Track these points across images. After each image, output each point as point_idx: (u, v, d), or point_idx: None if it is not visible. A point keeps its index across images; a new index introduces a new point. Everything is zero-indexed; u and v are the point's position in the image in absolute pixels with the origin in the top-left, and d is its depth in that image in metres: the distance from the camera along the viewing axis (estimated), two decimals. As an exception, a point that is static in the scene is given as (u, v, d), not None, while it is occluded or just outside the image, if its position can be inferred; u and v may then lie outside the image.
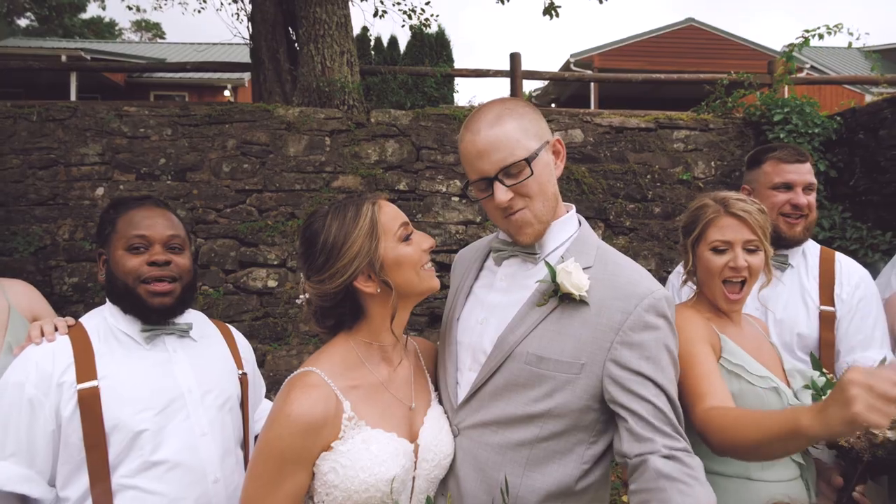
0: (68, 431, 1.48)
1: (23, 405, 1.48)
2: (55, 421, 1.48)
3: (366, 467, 1.26)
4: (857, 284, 2.08)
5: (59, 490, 1.50)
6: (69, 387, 1.50)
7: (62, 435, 1.48)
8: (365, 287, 1.37)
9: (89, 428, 1.47)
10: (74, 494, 1.48)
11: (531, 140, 1.38)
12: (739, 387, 1.58)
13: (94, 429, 1.48)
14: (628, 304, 1.34)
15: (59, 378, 1.50)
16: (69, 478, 1.49)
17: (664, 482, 1.17)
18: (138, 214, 1.67)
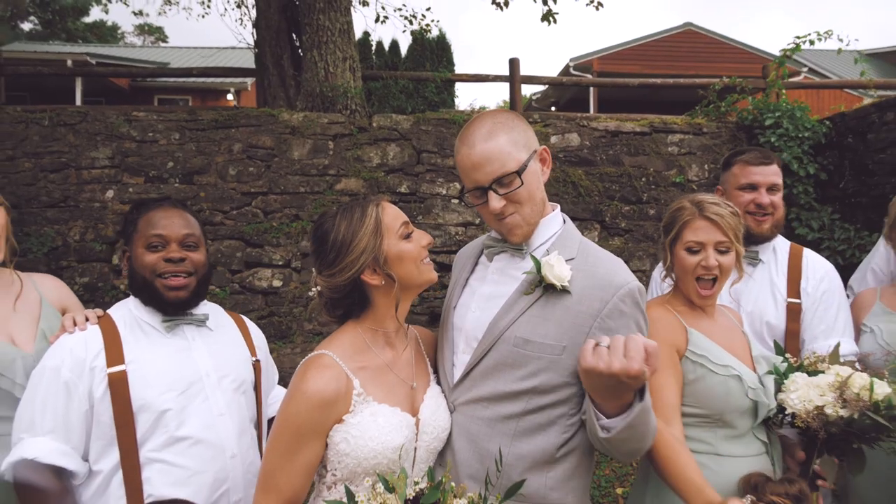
0: (100, 410, 1.63)
1: (59, 387, 1.63)
2: (88, 401, 1.64)
3: (374, 437, 1.41)
4: (821, 278, 2.23)
5: (93, 464, 1.64)
6: (100, 371, 1.65)
7: (94, 414, 1.63)
8: (371, 280, 1.51)
9: (119, 407, 1.63)
10: (106, 467, 1.63)
11: (521, 152, 1.53)
12: (702, 373, 1.73)
13: (122, 408, 1.63)
14: (606, 293, 1.49)
15: (91, 363, 1.66)
16: (101, 453, 1.64)
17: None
18: (157, 215, 1.82)
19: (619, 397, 1.28)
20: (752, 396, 1.70)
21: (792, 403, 1.67)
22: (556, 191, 5.61)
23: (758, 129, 5.62)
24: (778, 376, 1.75)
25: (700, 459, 1.70)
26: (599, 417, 1.32)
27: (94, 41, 36.87)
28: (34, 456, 1.57)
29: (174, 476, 1.63)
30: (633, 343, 1.22)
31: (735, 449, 1.72)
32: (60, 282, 2.14)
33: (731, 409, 1.72)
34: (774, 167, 2.33)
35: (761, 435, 1.76)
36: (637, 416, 1.28)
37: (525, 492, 1.45)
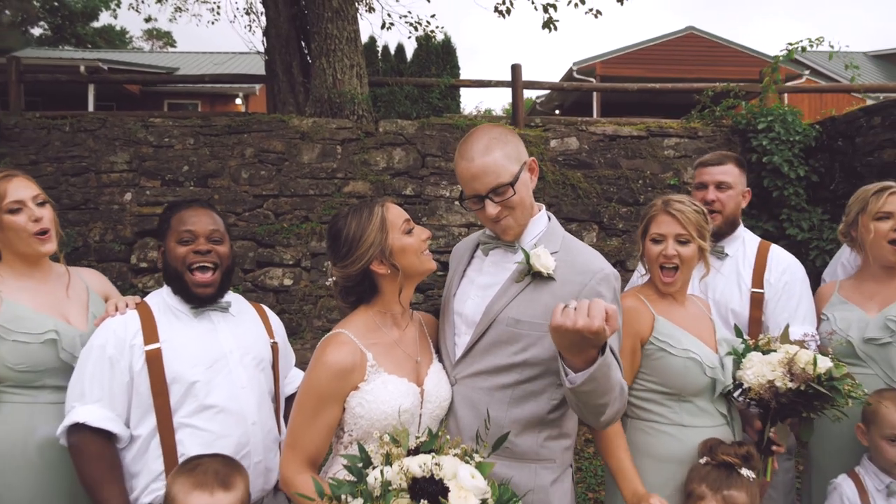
0: (139, 382, 1.87)
1: (104, 362, 1.87)
2: (129, 374, 1.87)
3: (384, 401, 1.65)
4: (783, 270, 2.44)
5: (133, 429, 1.88)
6: (138, 348, 1.89)
7: (134, 385, 1.87)
8: (378, 269, 1.75)
9: (154, 379, 1.86)
10: (145, 432, 1.87)
11: (513, 164, 1.75)
12: (663, 355, 1.97)
13: (158, 380, 1.86)
14: (585, 277, 1.73)
15: (130, 341, 1.90)
16: (140, 419, 1.87)
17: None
18: (187, 214, 2.06)
19: (583, 352, 1.46)
20: (709, 374, 1.93)
21: (747, 379, 1.89)
22: (556, 193, 5.82)
23: (751, 133, 5.81)
24: (736, 356, 1.97)
25: (666, 430, 1.94)
26: (567, 372, 1.51)
27: (103, 46, 37.28)
28: (85, 420, 1.80)
29: (203, 439, 1.86)
30: (595, 305, 1.41)
31: (697, 421, 1.95)
32: (100, 273, 2.38)
33: (690, 385, 1.95)
34: (726, 167, 2.56)
35: (722, 408, 1.98)
36: (598, 370, 1.46)
37: (519, 449, 1.70)
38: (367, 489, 1.25)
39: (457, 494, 1.22)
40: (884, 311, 2.23)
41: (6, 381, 1.94)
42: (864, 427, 2.11)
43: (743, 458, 1.80)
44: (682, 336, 1.97)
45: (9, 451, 1.90)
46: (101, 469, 1.79)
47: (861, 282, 2.41)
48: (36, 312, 2.00)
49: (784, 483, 2.38)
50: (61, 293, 2.11)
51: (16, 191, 2.02)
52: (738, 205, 2.57)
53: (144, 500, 1.83)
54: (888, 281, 2.32)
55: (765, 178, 5.56)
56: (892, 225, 2.23)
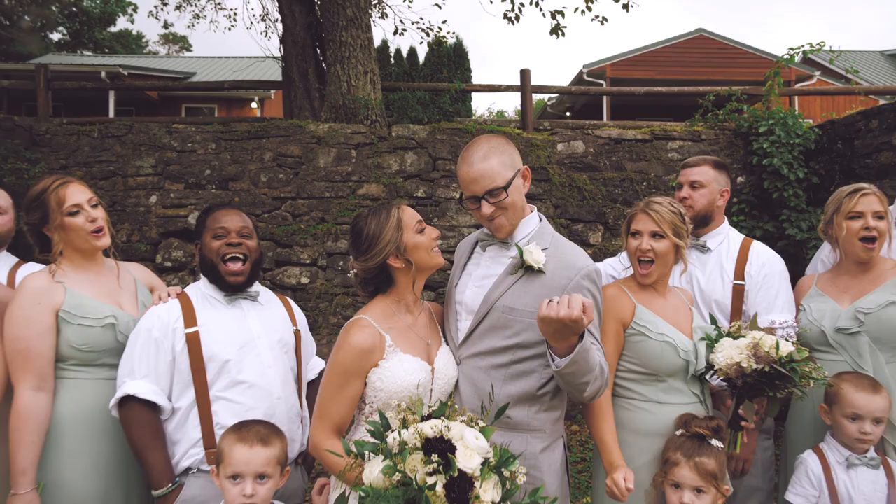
0: (180, 361, 2.13)
1: (150, 344, 2.13)
2: (171, 353, 2.14)
3: (401, 376, 1.90)
4: (763, 264, 2.64)
5: (174, 402, 2.14)
6: (179, 331, 2.16)
7: (176, 363, 2.13)
8: (394, 263, 2.00)
9: (193, 358, 2.13)
10: (184, 404, 2.13)
11: (508, 171, 2.00)
12: (642, 339, 2.20)
13: (196, 358, 2.13)
14: (570, 272, 1.97)
15: (172, 325, 2.17)
16: (181, 393, 2.13)
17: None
18: (220, 214, 2.34)
19: (566, 339, 1.73)
20: (683, 357, 2.15)
21: (718, 361, 2.10)
22: (563, 194, 6.03)
23: (753, 136, 5.98)
24: (709, 342, 2.18)
25: (644, 406, 2.18)
26: (553, 358, 1.78)
27: (120, 50, 37.88)
28: (134, 392, 2.06)
29: (235, 410, 2.11)
30: (574, 299, 1.67)
31: (672, 399, 2.18)
32: (145, 267, 2.65)
33: (665, 366, 2.18)
34: (701, 168, 2.78)
35: (695, 389, 2.21)
36: (578, 353, 1.72)
37: (513, 421, 1.95)
38: (387, 447, 1.48)
39: (463, 452, 1.44)
40: (854, 303, 2.42)
41: (70, 361, 2.19)
42: (826, 407, 2.31)
43: (713, 430, 2.03)
44: (659, 322, 2.18)
45: (72, 421, 2.15)
46: (147, 436, 2.05)
47: (837, 276, 2.59)
48: (96, 300, 2.26)
49: (763, 461, 2.59)
50: (114, 284, 2.37)
51: (73, 195, 2.27)
52: (710, 202, 2.77)
53: (184, 463, 2.09)
54: (861, 276, 2.51)
55: (765, 179, 5.74)
56: (863, 224, 2.41)
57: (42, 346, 2.13)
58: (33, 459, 2.05)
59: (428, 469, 1.40)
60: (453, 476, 1.40)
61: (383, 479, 1.42)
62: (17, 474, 2.03)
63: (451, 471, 1.41)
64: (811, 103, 17.70)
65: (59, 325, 2.17)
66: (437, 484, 1.38)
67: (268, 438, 1.92)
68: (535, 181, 6.05)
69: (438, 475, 1.40)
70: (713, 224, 2.79)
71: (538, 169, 6.07)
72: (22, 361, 2.11)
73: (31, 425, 2.06)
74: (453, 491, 1.39)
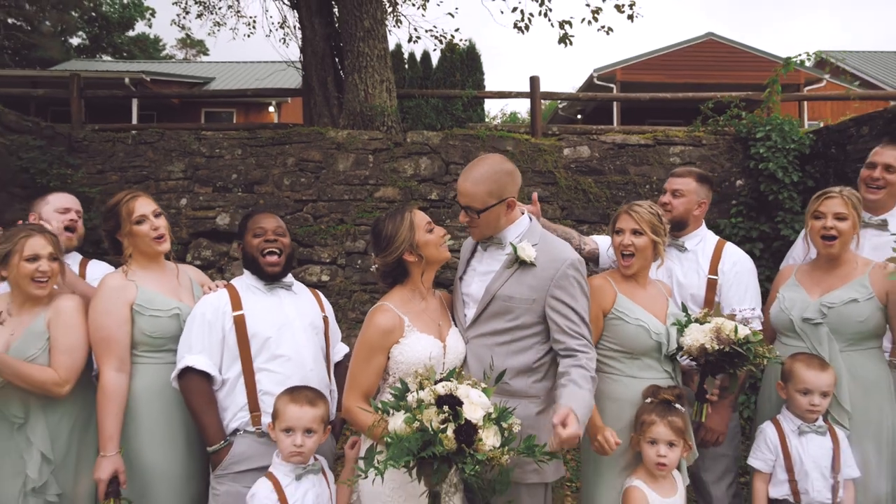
0: (228, 338, 2.52)
1: (204, 325, 2.52)
2: (221, 333, 2.52)
3: (418, 350, 2.27)
4: (734, 262, 2.98)
5: (224, 374, 2.52)
6: (228, 314, 2.55)
7: (225, 341, 2.52)
8: (409, 258, 2.37)
9: (240, 336, 2.52)
10: (232, 375, 2.51)
11: (491, 199, 2.36)
12: (620, 322, 2.54)
13: (242, 336, 2.52)
14: (557, 263, 2.33)
15: (222, 309, 2.56)
16: (229, 366, 2.52)
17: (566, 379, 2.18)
18: (259, 216, 2.76)
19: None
20: (655, 339, 2.49)
21: (686, 342, 2.44)
22: (569, 197, 6.35)
23: (751, 142, 6.26)
24: (680, 326, 2.52)
25: (621, 379, 2.55)
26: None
27: (138, 54, 38.59)
28: (192, 364, 2.46)
29: (275, 379, 2.49)
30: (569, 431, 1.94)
31: (644, 374, 2.54)
32: (196, 268, 3.04)
33: (639, 346, 2.52)
34: (684, 179, 3.10)
35: (667, 367, 2.56)
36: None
37: (514, 389, 2.32)
38: (407, 404, 1.83)
39: (468, 406, 1.79)
40: (821, 297, 2.72)
41: (142, 347, 2.59)
42: (783, 384, 2.64)
43: (677, 396, 2.38)
44: (636, 309, 2.53)
45: (146, 399, 2.56)
46: (202, 402, 2.45)
47: (813, 269, 2.88)
48: (162, 295, 2.66)
49: (729, 431, 2.91)
50: (174, 282, 2.78)
51: (140, 207, 2.68)
52: (687, 210, 3.08)
53: (233, 425, 2.48)
54: (832, 271, 2.79)
55: (762, 183, 6.02)
56: (824, 223, 2.71)
57: (120, 334, 2.53)
58: (117, 428, 2.46)
59: (440, 418, 1.76)
60: (461, 424, 1.75)
61: (405, 428, 1.78)
62: (105, 440, 2.44)
63: (459, 420, 1.76)
64: (821, 106, 17.86)
65: (133, 317, 2.57)
66: (448, 429, 1.74)
67: (314, 401, 2.31)
68: (542, 184, 6.38)
69: (449, 423, 1.76)
70: (689, 228, 3.11)
71: (545, 172, 6.41)
72: (105, 347, 2.51)
73: (115, 400, 2.47)
74: (461, 435, 1.74)
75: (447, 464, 1.79)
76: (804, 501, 2.50)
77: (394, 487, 2.17)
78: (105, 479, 2.39)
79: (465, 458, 1.77)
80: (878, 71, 21.03)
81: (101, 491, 2.39)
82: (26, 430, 2.44)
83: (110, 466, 2.41)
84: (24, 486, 2.39)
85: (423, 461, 1.79)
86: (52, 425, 2.48)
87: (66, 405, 2.52)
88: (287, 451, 2.25)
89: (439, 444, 1.73)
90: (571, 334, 2.26)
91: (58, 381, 2.43)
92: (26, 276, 2.45)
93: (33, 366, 2.43)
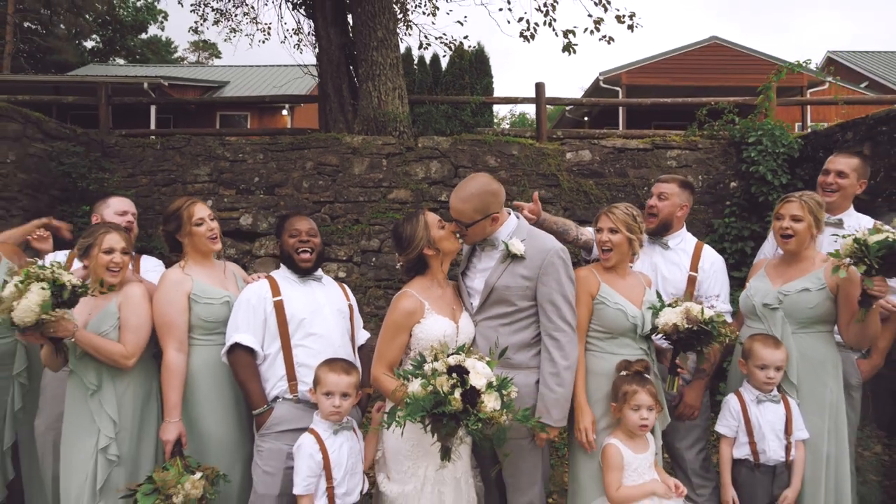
0: (269, 320, 2.93)
1: (249, 308, 2.94)
2: (263, 315, 2.94)
3: (435, 329, 2.69)
4: (712, 262, 3.40)
5: (265, 350, 2.93)
6: (269, 299, 2.97)
7: (266, 322, 2.93)
8: (428, 252, 2.81)
9: (279, 317, 2.94)
10: (272, 351, 2.92)
11: (477, 215, 2.78)
12: (603, 307, 2.91)
13: (281, 318, 2.93)
14: (543, 253, 2.75)
15: (264, 295, 2.98)
16: (270, 343, 2.93)
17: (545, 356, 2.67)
18: (294, 219, 3.18)
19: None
20: (631, 321, 2.88)
21: (660, 322, 2.81)
22: (571, 199, 6.73)
23: (743, 146, 6.62)
24: (654, 310, 2.89)
25: (602, 356, 2.93)
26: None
27: (151, 56, 39.23)
28: (240, 340, 2.88)
29: (309, 353, 2.91)
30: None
31: (622, 351, 2.92)
32: (235, 264, 3.45)
33: (617, 327, 2.90)
34: (669, 185, 3.47)
35: (642, 345, 2.95)
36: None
37: (516, 362, 2.74)
38: (424, 372, 2.24)
39: (474, 375, 2.19)
40: (780, 287, 3.09)
41: (198, 330, 3.01)
42: (743, 360, 3.02)
43: (645, 368, 2.77)
44: (616, 295, 2.91)
45: (202, 375, 2.98)
46: (248, 373, 2.87)
47: (779, 263, 3.25)
48: (213, 286, 3.07)
49: (702, 406, 3.32)
50: (222, 276, 3.20)
51: (199, 211, 3.10)
52: (671, 213, 3.46)
53: (273, 393, 2.91)
54: (794, 265, 3.16)
55: (752, 185, 6.37)
56: (782, 224, 3.10)
57: (180, 320, 2.95)
58: (179, 399, 2.90)
59: (450, 384, 2.16)
60: (466, 389, 2.15)
61: (420, 391, 2.18)
62: (170, 408, 2.88)
63: (465, 386, 2.15)
64: (826, 108, 18.09)
65: (190, 305, 2.99)
66: (455, 392, 2.14)
67: (349, 370, 2.74)
68: (546, 186, 6.77)
69: (457, 388, 2.16)
70: (673, 229, 3.49)
71: (549, 175, 6.79)
72: (167, 330, 2.94)
73: (176, 375, 2.90)
74: (466, 398, 2.15)
75: (455, 420, 2.20)
76: (762, 460, 2.90)
77: (413, 444, 2.62)
78: (171, 440, 2.83)
79: (470, 417, 2.18)
80: (887, 72, 21.20)
81: (168, 451, 2.82)
82: (99, 395, 2.87)
83: (175, 430, 2.85)
84: (97, 444, 2.82)
85: (435, 417, 2.20)
86: (119, 394, 2.90)
87: (131, 378, 2.94)
88: (327, 411, 2.67)
89: (448, 404, 2.13)
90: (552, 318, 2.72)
91: (125, 354, 2.86)
92: (102, 266, 2.87)
93: (106, 339, 2.86)
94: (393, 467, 2.70)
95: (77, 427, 2.87)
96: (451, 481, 2.68)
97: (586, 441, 2.80)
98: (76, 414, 2.88)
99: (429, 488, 2.64)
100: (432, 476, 2.65)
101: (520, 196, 6.67)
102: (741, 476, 2.95)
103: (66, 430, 2.90)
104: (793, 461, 2.89)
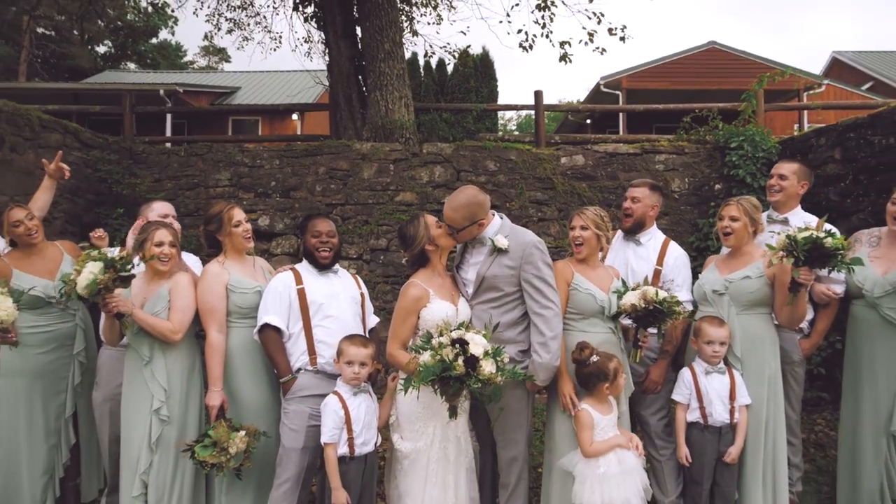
0: (293, 305, 3.42)
1: (276, 295, 3.44)
2: (288, 300, 3.43)
3: (438, 312, 3.19)
4: (676, 257, 3.87)
5: (290, 329, 3.42)
6: (293, 287, 3.46)
7: (291, 306, 3.42)
8: (429, 248, 3.33)
9: (301, 302, 3.43)
10: (296, 330, 3.41)
11: (465, 222, 3.28)
12: (576, 292, 3.39)
13: (303, 303, 3.43)
14: (522, 246, 3.25)
15: (289, 284, 3.47)
16: (294, 323, 3.42)
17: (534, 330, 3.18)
18: (316, 220, 3.65)
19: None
20: (599, 304, 3.36)
21: (623, 304, 3.30)
22: (565, 200, 7.23)
23: (726, 150, 7.09)
24: (619, 294, 3.38)
25: (575, 334, 3.38)
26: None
27: (161, 61, 39.89)
28: (269, 321, 3.38)
29: (327, 332, 3.40)
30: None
31: (593, 329, 3.39)
32: (264, 260, 3.96)
33: (588, 309, 3.38)
34: (641, 188, 3.96)
35: (609, 325, 3.43)
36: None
37: (506, 337, 3.24)
38: (432, 346, 2.77)
39: (473, 345, 2.72)
40: (726, 276, 3.59)
41: (235, 315, 3.53)
42: (694, 338, 3.51)
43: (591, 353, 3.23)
44: (586, 283, 3.40)
45: (239, 351, 3.50)
46: (276, 347, 3.39)
47: (727, 258, 3.73)
48: (246, 278, 3.59)
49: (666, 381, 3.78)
50: (253, 270, 3.72)
51: (237, 215, 3.62)
52: (643, 213, 3.95)
53: (297, 365, 3.41)
54: (738, 258, 3.64)
55: (734, 187, 6.85)
56: (722, 223, 3.62)
57: (220, 306, 3.48)
58: (220, 372, 3.42)
59: (454, 353, 2.70)
60: (467, 357, 2.69)
61: (430, 360, 2.72)
62: (214, 379, 3.40)
63: (467, 354, 2.69)
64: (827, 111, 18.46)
65: (228, 294, 3.50)
66: (459, 359, 2.68)
67: (366, 343, 3.24)
68: (541, 189, 7.26)
69: (459, 356, 2.70)
70: (645, 228, 3.99)
71: (545, 179, 7.29)
72: (210, 315, 3.47)
73: (218, 352, 3.43)
74: (467, 363, 2.69)
75: (459, 382, 2.73)
76: (710, 422, 3.40)
77: (423, 407, 3.17)
78: (216, 405, 3.36)
79: (471, 379, 2.72)
80: (893, 72, 21.46)
81: (213, 414, 3.36)
82: (151, 366, 3.41)
83: (219, 397, 3.38)
84: (151, 406, 3.37)
85: (443, 381, 2.73)
86: (168, 365, 3.43)
87: (178, 352, 3.47)
88: (348, 377, 3.18)
89: (453, 369, 2.67)
90: (536, 300, 3.22)
91: (173, 330, 3.39)
92: (155, 255, 3.40)
93: (158, 318, 3.40)
94: (406, 427, 3.24)
95: (134, 392, 3.42)
96: (453, 439, 3.25)
97: (570, 404, 3.27)
98: (133, 381, 3.43)
99: (437, 444, 3.20)
100: (440, 434, 3.20)
101: (518, 197, 7.18)
102: (693, 436, 3.46)
103: (125, 394, 3.47)
104: (736, 423, 3.40)
